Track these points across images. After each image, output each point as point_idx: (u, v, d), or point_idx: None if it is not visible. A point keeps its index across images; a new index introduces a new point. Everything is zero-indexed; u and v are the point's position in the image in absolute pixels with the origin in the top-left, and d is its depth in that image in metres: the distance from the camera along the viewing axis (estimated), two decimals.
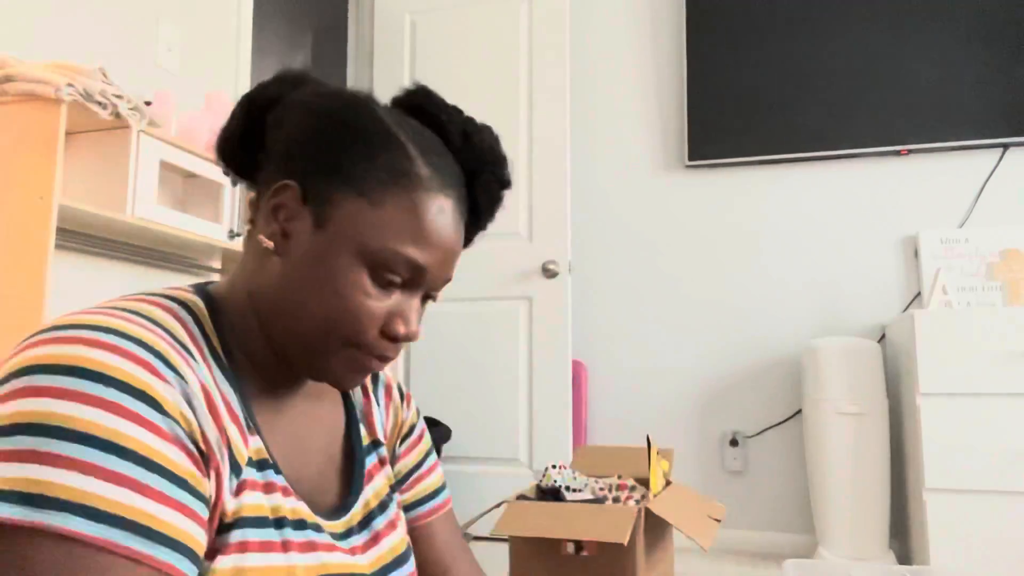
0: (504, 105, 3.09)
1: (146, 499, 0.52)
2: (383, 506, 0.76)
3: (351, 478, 0.74)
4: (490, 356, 2.99)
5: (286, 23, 4.41)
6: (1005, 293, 2.63)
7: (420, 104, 0.72)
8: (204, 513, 0.56)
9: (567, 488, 1.84)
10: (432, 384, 3.06)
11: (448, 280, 0.69)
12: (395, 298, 0.66)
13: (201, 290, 0.68)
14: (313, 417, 0.73)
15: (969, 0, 2.78)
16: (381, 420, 0.82)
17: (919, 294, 2.76)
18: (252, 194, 0.70)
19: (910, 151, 2.81)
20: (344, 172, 0.64)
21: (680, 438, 2.97)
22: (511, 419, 2.94)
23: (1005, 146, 2.74)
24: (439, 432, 2.84)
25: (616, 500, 1.80)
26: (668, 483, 1.86)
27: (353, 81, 3.50)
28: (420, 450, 0.86)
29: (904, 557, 2.55)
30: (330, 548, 0.66)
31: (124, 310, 0.59)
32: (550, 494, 1.80)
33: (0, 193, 1.57)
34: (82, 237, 1.90)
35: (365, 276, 0.64)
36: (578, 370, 3.04)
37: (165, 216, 1.86)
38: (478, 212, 0.73)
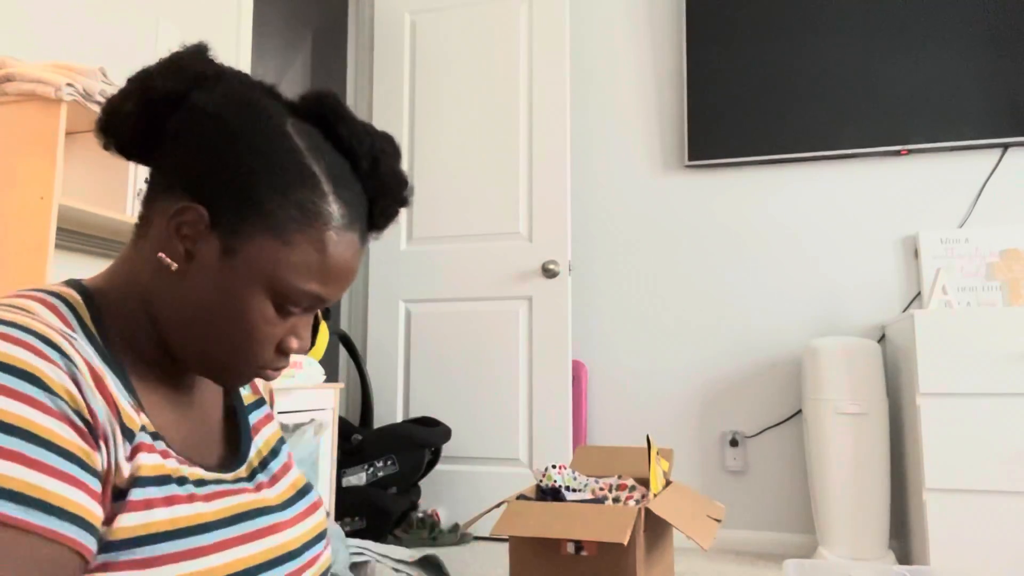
0: (504, 105, 3.09)
1: (35, 472, 0.53)
2: (275, 451, 0.81)
3: (238, 434, 0.78)
4: (490, 356, 3.00)
5: (286, 23, 4.41)
6: (1005, 293, 2.64)
7: (330, 121, 0.71)
8: (95, 485, 0.58)
9: (567, 488, 1.84)
10: (432, 384, 3.06)
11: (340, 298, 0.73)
12: (292, 320, 0.70)
13: (76, 284, 0.69)
14: (193, 390, 0.75)
15: (969, 1, 2.78)
16: (258, 383, 0.88)
17: (919, 294, 2.76)
18: (145, 189, 0.70)
19: (910, 151, 2.81)
20: (256, 205, 0.65)
21: (680, 438, 2.97)
22: (511, 419, 2.94)
23: (1005, 146, 2.74)
24: (439, 432, 2.84)
25: (616, 500, 1.80)
26: (668, 483, 1.86)
27: (353, 81, 3.50)
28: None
29: (904, 557, 2.55)
30: (236, 492, 0.70)
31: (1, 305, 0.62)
32: (550, 494, 1.80)
33: (0, 193, 1.57)
34: (82, 237, 1.90)
35: (270, 307, 0.67)
36: (578, 370, 3.04)
37: None
38: (374, 227, 0.76)
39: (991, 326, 2.26)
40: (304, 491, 0.79)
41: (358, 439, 2.80)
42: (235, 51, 2.60)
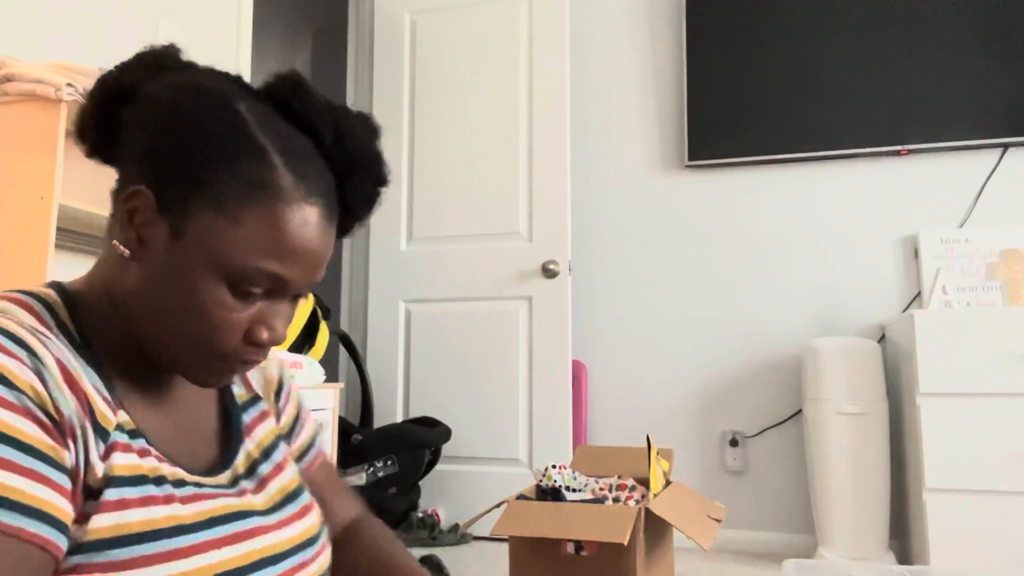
0: (504, 105, 3.09)
1: None
2: (267, 453, 0.77)
3: (229, 435, 0.76)
4: (490, 356, 2.99)
5: (286, 23, 4.41)
6: (1005, 293, 2.64)
7: (288, 100, 0.68)
8: (64, 481, 0.56)
9: (567, 488, 1.84)
10: (432, 384, 3.06)
11: (315, 283, 0.68)
12: (258, 306, 0.65)
13: (56, 285, 0.68)
14: (183, 390, 0.73)
15: (969, 1, 2.78)
16: (255, 378, 0.84)
17: (919, 294, 2.76)
18: (113, 186, 0.69)
19: (910, 151, 2.81)
20: (201, 182, 0.62)
21: (680, 438, 2.97)
22: (511, 419, 2.94)
23: (1005, 146, 2.74)
24: (439, 432, 2.84)
25: (616, 500, 1.80)
26: (668, 483, 1.86)
27: (353, 81, 3.50)
28: (294, 405, 0.88)
29: (904, 557, 2.55)
30: (214, 496, 0.67)
31: None
32: (550, 494, 1.80)
33: (0, 193, 1.57)
34: (82, 237, 1.90)
35: (225, 290, 0.63)
36: (578, 370, 3.04)
37: None
38: (351, 211, 0.71)
39: (991, 326, 2.26)
40: (293, 496, 0.77)
41: (358, 439, 2.80)
42: (235, 51, 2.60)
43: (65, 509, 0.56)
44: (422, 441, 2.78)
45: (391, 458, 2.77)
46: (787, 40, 2.95)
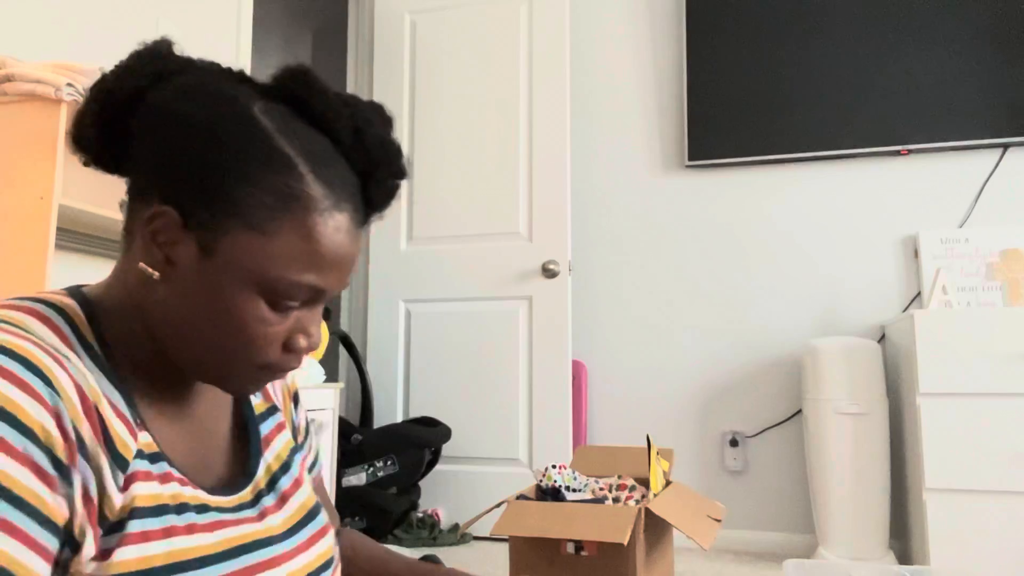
0: (504, 105, 3.09)
1: None
2: (285, 467, 0.76)
3: (248, 447, 0.74)
4: (490, 356, 2.99)
5: (286, 23, 4.41)
6: (1005, 293, 2.64)
7: (302, 98, 0.65)
8: (49, 542, 0.53)
9: (567, 488, 1.84)
10: (432, 384, 3.06)
11: (345, 287, 0.66)
12: (295, 315, 0.65)
13: (76, 292, 0.66)
14: (201, 401, 0.71)
15: (969, 1, 2.78)
16: (275, 386, 0.82)
17: (919, 294, 2.76)
18: (124, 197, 0.66)
19: (910, 151, 2.81)
20: (228, 198, 0.60)
21: (680, 438, 2.97)
22: (511, 419, 2.94)
23: (1005, 146, 2.74)
24: (439, 432, 2.84)
25: (616, 500, 1.80)
26: (668, 483, 1.86)
27: (353, 81, 3.50)
28: (303, 416, 0.87)
29: (904, 557, 2.55)
30: (237, 523, 0.66)
31: None
32: (550, 494, 1.80)
33: (0, 193, 1.57)
34: (82, 237, 1.90)
35: (263, 305, 0.62)
36: (578, 370, 3.04)
37: None
38: (372, 205, 0.69)
39: (991, 326, 2.26)
40: (312, 514, 0.75)
41: (358, 439, 2.80)
42: (235, 51, 2.60)
43: (35, 569, 0.52)
44: (422, 441, 2.78)
45: (391, 458, 2.77)
46: (787, 40, 2.95)
